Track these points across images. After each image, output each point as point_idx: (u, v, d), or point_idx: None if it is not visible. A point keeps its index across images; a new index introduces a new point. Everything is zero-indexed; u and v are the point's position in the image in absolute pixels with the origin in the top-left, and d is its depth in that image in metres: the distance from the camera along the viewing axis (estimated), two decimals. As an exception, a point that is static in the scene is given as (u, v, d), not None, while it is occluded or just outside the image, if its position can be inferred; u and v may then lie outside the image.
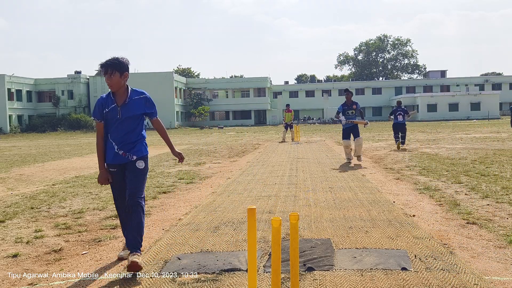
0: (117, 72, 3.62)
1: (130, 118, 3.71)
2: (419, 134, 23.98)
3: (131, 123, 3.74)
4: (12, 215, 5.71)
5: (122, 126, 3.71)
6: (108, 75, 3.63)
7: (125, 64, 3.69)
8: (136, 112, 3.73)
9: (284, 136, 21.71)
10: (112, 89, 3.69)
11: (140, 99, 3.78)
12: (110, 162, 3.78)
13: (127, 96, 3.71)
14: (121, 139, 3.73)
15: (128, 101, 3.72)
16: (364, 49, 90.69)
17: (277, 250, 2.57)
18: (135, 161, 3.73)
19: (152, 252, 3.89)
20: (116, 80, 3.64)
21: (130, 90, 3.76)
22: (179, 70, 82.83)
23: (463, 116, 57.98)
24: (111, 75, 3.62)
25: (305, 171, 9.12)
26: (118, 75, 3.63)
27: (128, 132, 3.75)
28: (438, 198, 5.98)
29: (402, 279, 3.07)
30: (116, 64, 3.62)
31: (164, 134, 4.01)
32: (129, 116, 3.71)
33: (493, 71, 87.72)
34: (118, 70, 3.63)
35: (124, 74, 3.68)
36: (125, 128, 3.73)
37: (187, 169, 10.40)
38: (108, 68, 3.62)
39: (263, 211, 5.36)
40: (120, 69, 3.64)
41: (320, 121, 61.52)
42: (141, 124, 3.84)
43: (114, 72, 3.62)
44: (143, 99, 3.79)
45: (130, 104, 3.72)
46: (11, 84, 55.09)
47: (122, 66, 3.65)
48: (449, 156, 11.34)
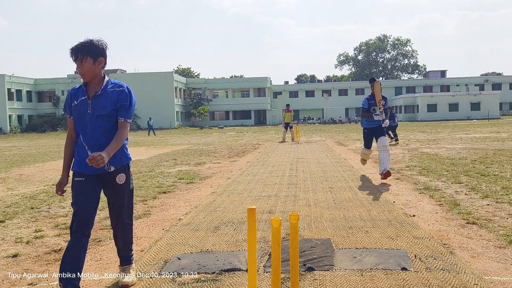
0: (89, 58, 2.97)
1: (103, 116, 3.03)
2: (419, 134, 23.98)
3: (105, 122, 3.04)
4: (12, 215, 5.71)
5: (95, 124, 3.03)
6: (78, 61, 2.97)
7: (100, 48, 3.03)
8: (108, 107, 3.04)
9: (284, 136, 21.71)
10: (84, 78, 3.04)
11: (115, 92, 3.07)
12: (76, 169, 3.05)
13: (101, 87, 3.06)
14: (94, 142, 3.03)
15: (101, 92, 3.04)
16: (364, 49, 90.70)
17: (277, 250, 2.57)
18: (114, 174, 3.09)
19: (152, 252, 3.89)
20: (89, 67, 2.99)
21: (106, 80, 3.10)
22: (179, 70, 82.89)
23: (463, 116, 57.98)
24: (82, 61, 2.97)
25: (305, 171, 9.12)
26: (91, 61, 2.98)
27: (103, 133, 3.04)
28: (438, 198, 5.98)
29: (402, 279, 3.07)
30: (88, 47, 2.97)
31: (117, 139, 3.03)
32: (101, 114, 3.02)
33: (493, 71, 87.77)
34: (91, 55, 2.97)
35: (98, 60, 3.02)
36: (99, 127, 3.04)
37: (187, 169, 10.40)
38: (79, 53, 2.96)
39: (263, 211, 5.36)
40: (94, 54, 2.99)
41: (320, 121, 61.53)
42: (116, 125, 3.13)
43: (85, 58, 2.97)
44: (119, 92, 3.07)
45: (103, 96, 3.04)
46: (11, 84, 55.11)
47: (96, 50, 3.00)
48: (449, 156, 11.34)
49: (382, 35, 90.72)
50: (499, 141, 16.33)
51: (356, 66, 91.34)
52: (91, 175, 3.04)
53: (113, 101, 3.04)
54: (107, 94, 3.05)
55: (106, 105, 3.02)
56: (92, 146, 3.02)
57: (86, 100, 3.03)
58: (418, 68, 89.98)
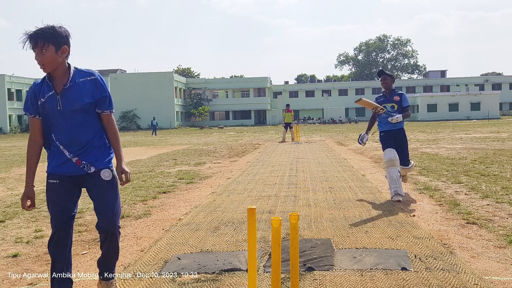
0: (50, 46, 2.62)
1: (78, 111, 2.72)
2: (419, 134, 23.98)
3: (81, 117, 2.74)
4: (12, 215, 5.71)
5: (67, 121, 2.72)
6: (38, 49, 2.62)
7: (63, 35, 2.68)
8: (82, 100, 2.70)
9: (284, 136, 21.71)
10: (45, 69, 2.67)
11: (86, 82, 2.74)
12: (51, 171, 2.81)
13: (68, 78, 2.71)
14: (70, 141, 2.74)
15: (70, 85, 2.71)
16: (364, 49, 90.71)
17: (277, 250, 2.57)
18: (96, 173, 2.78)
19: (152, 252, 3.88)
20: (50, 56, 2.64)
21: (73, 70, 2.75)
22: (179, 70, 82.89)
23: (463, 116, 57.98)
24: (42, 49, 2.62)
25: (305, 171, 9.12)
26: (53, 49, 2.63)
27: (78, 130, 2.74)
28: (438, 198, 5.98)
29: (402, 279, 3.07)
30: (51, 34, 2.62)
31: (114, 138, 2.85)
32: (75, 108, 2.71)
33: (493, 71, 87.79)
34: (52, 42, 2.63)
35: (62, 48, 2.66)
36: (72, 124, 2.73)
37: (187, 169, 10.40)
38: (39, 40, 2.61)
39: (263, 211, 5.36)
40: (56, 42, 2.64)
41: (320, 121, 61.53)
42: (96, 119, 2.82)
43: (46, 45, 2.62)
44: (92, 81, 2.74)
45: (73, 89, 2.71)
46: (11, 84, 55.10)
47: (58, 38, 2.65)
48: (449, 156, 11.34)
49: (382, 35, 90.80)
50: (499, 141, 16.33)
51: (356, 66, 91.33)
52: (68, 176, 2.77)
53: (89, 93, 2.72)
54: (78, 86, 2.72)
55: (80, 98, 2.70)
56: (68, 146, 2.74)
57: (54, 95, 2.70)
58: (418, 68, 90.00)
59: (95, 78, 2.75)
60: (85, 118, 2.75)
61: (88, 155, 2.77)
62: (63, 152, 2.76)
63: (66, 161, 2.76)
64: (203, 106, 63.41)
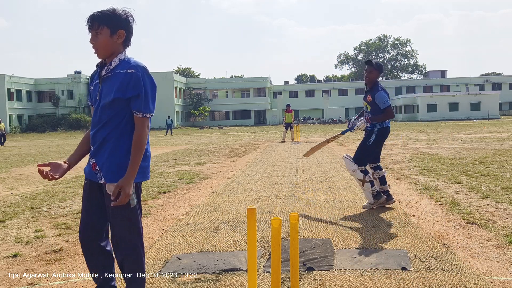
0: (106, 28, 2.35)
1: (106, 106, 2.39)
2: (419, 134, 23.98)
3: (106, 114, 2.39)
4: (12, 215, 5.71)
5: (99, 116, 2.42)
6: (93, 31, 2.37)
7: (123, 19, 2.40)
8: (111, 94, 2.36)
9: (284, 136, 21.71)
10: (98, 54, 2.41)
11: (122, 75, 2.35)
12: (85, 170, 2.56)
13: (112, 67, 2.41)
14: (92, 139, 2.47)
15: (110, 74, 2.40)
16: (364, 49, 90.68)
17: (277, 250, 2.57)
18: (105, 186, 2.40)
19: (152, 252, 3.88)
20: (104, 40, 2.36)
21: (122, 58, 2.42)
22: (179, 70, 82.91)
23: (463, 116, 57.97)
24: (97, 33, 2.36)
25: (305, 171, 9.12)
26: (108, 32, 2.36)
27: (100, 128, 2.41)
28: (438, 198, 5.98)
29: (402, 279, 3.07)
30: (108, 16, 2.36)
31: (134, 146, 2.35)
32: (105, 103, 2.38)
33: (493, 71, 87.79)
34: (108, 25, 2.35)
35: (118, 33, 2.39)
36: (99, 120, 2.42)
37: (187, 169, 10.40)
38: (95, 22, 2.35)
39: (263, 211, 5.36)
40: (113, 25, 2.36)
41: (320, 121, 61.53)
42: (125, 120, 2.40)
43: (101, 28, 2.35)
44: (128, 75, 2.33)
45: (110, 79, 2.39)
46: (11, 84, 55.09)
47: (116, 21, 2.37)
48: (449, 156, 11.34)
49: (382, 35, 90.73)
50: (499, 141, 16.33)
51: (356, 66, 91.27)
52: (89, 179, 2.51)
53: (121, 88, 2.34)
54: (115, 77, 2.37)
55: (111, 92, 2.36)
56: (92, 144, 2.47)
57: (98, 84, 2.45)
58: (418, 68, 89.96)
59: (133, 72, 2.33)
60: (113, 116, 2.38)
61: (100, 160, 2.40)
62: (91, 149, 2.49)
63: (89, 162, 2.49)
64: (203, 106, 63.39)
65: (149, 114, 2.40)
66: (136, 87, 2.33)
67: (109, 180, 2.38)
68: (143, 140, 2.36)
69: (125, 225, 2.43)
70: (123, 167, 2.36)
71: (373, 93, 5.39)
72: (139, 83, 2.33)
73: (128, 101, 2.36)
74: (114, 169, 2.38)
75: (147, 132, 2.38)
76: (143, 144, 2.35)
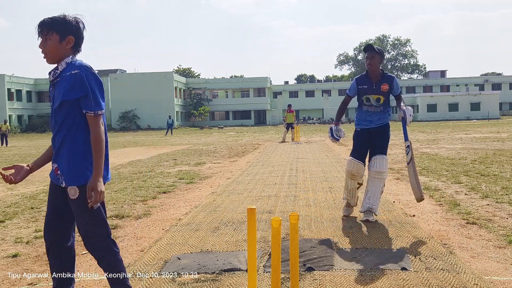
0: (55, 34, 2.41)
1: (56, 110, 2.43)
2: (419, 134, 23.98)
3: (59, 116, 2.43)
4: (12, 215, 5.71)
5: (53, 120, 2.47)
6: (42, 37, 2.42)
7: (73, 25, 2.45)
8: (60, 97, 2.39)
9: (284, 136, 21.73)
10: (48, 59, 2.46)
11: (67, 77, 2.39)
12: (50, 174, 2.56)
13: (60, 71, 2.45)
14: (52, 143, 2.52)
15: (58, 80, 2.45)
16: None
17: (277, 250, 2.57)
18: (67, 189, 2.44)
19: (152, 252, 3.88)
20: (52, 46, 2.42)
21: (68, 62, 2.45)
22: (179, 70, 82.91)
23: (463, 116, 57.98)
24: (46, 38, 2.41)
25: (305, 171, 9.12)
26: (57, 38, 2.41)
27: (57, 132, 2.45)
28: (438, 198, 5.98)
29: (402, 279, 3.07)
30: (57, 22, 2.41)
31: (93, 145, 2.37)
32: (55, 106, 2.43)
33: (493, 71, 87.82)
34: (57, 31, 2.41)
35: (67, 38, 2.43)
36: (55, 123, 2.46)
37: (187, 169, 10.40)
38: (44, 27, 2.41)
39: (263, 211, 5.36)
40: (62, 31, 2.42)
41: (320, 121, 61.54)
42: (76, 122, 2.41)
43: (50, 34, 2.41)
44: (73, 76, 2.37)
45: (59, 84, 2.43)
46: (11, 84, 55.10)
47: (66, 27, 2.42)
48: (449, 156, 11.34)
49: (382, 35, 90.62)
50: (499, 141, 16.33)
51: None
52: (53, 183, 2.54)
53: (65, 90, 2.37)
54: (62, 80, 2.41)
55: (59, 95, 2.40)
56: (53, 148, 2.51)
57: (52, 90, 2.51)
58: (418, 68, 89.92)
59: (76, 73, 2.37)
60: (65, 119, 2.41)
61: (60, 164, 2.44)
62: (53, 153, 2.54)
63: (53, 167, 2.52)
64: (203, 106, 63.40)
65: (101, 111, 2.42)
66: (82, 87, 2.36)
67: (69, 183, 2.42)
68: (101, 137, 2.39)
69: (91, 222, 2.48)
70: (81, 168, 2.41)
71: (389, 81, 4.72)
72: (83, 82, 2.37)
73: (77, 102, 2.39)
74: (73, 172, 2.42)
75: (103, 129, 2.41)
76: (102, 141, 2.39)
